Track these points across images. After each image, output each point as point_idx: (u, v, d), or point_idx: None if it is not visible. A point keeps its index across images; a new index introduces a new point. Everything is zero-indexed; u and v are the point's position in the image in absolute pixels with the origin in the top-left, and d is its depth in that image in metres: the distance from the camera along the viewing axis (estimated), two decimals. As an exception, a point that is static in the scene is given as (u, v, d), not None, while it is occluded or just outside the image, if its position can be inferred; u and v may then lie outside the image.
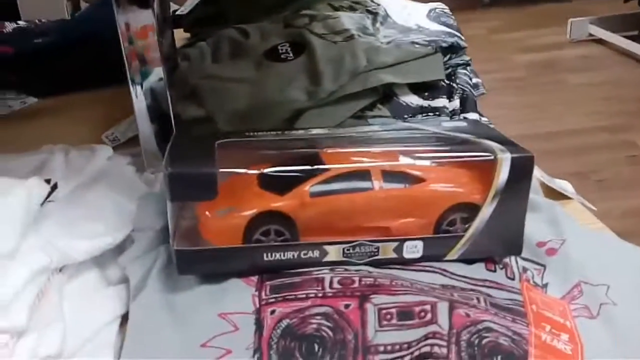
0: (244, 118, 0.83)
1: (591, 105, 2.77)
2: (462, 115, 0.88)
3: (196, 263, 0.58)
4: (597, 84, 2.98)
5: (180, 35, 1.24)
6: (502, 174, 0.60)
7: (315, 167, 0.59)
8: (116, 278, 0.63)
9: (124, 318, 0.58)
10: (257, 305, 0.56)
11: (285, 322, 0.54)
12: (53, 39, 1.26)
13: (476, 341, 0.52)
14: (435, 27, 0.96)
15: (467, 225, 0.61)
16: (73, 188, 0.68)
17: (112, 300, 0.59)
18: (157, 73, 0.80)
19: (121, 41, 0.76)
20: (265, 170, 0.58)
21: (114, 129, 0.99)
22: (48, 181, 0.64)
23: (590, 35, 3.45)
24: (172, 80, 0.95)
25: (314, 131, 0.69)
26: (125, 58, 0.78)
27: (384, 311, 0.54)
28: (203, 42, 1.05)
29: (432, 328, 0.52)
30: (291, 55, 0.91)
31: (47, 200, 0.63)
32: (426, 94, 0.87)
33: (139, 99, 0.81)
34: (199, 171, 0.57)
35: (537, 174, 0.80)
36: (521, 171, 0.60)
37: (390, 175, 0.60)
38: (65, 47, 1.21)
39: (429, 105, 0.86)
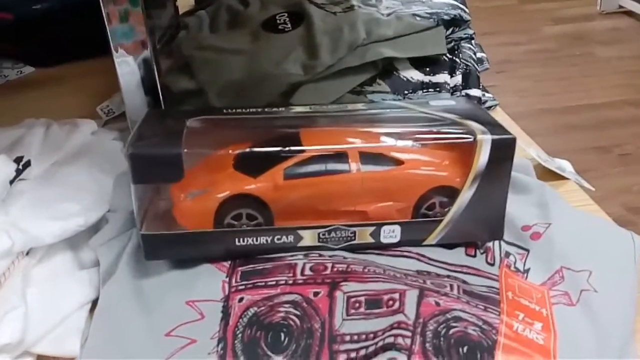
0: (237, 92, 0.81)
1: (619, 79, 2.76)
2: (464, 92, 0.86)
3: (164, 248, 0.57)
4: (625, 57, 2.96)
5: (187, 2, 1.22)
6: (482, 156, 0.58)
7: (289, 148, 0.57)
8: (90, 260, 0.62)
9: (96, 303, 0.58)
10: (226, 292, 0.55)
11: (252, 310, 0.53)
12: (52, 5, 1.22)
13: (443, 331, 0.51)
14: (439, -2, 0.93)
15: (446, 209, 0.60)
16: (49, 165, 0.67)
17: (83, 285, 0.58)
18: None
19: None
20: (237, 152, 0.57)
21: (109, 101, 0.97)
22: (20, 159, 0.63)
23: (620, 7, 3.42)
24: (171, 51, 0.94)
25: (297, 109, 0.67)
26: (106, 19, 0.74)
27: (352, 299, 0.53)
28: (203, 10, 1.03)
29: (398, 317, 0.51)
30: (289, 26, 0.89)
31: (19, 178, 0.62)
32: (427, 69, 0.84)
33: (125, 68, 0.78)
34: (162, 152, 0.55)
35: (534, 153, 0.79)
36: (502, 153, 0.58)
37: (367, 157, 0.59)
38: (65, 13, 1.19)
39: (430, 80, 0.84)
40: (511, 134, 0.59)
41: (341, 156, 0.58)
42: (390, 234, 0.60)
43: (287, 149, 0.57)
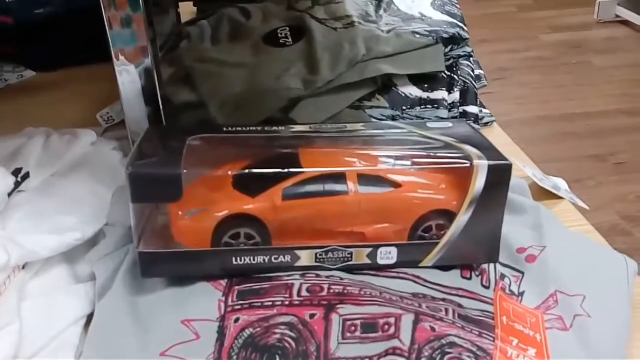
0: (237, 105, 0.81)
1: (614, 88, 2.77)
2: (461, 108, 0.87)
3: (160, 266, 0.57)
4: (621, 66, 2.97)
5: (190, 9, 1.22)
6: (479, 181, 0.58)
7: (287, 169, 0.57)
8: (86, 274, 0.62)
9: (91, 317, 0.58)
10: (222, 312, 0.55)
11: (248, 331, 0.53)
12: (55, 9, 1.22)
13: (438, 357, 0.51)
14: (439, 16, 0.94)
15: (442, 232, 0.60)
16: (48, 176, 0.67)
17: (78, 299, 0.58)
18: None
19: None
20: (235, 172, 0.57)
21: (109, 108, 0.97)
22: (19, 170, 0.63)
23: (617, 16, 3.44)
24: (172, 59, 0.93)
25: (296, 128, 0.67)
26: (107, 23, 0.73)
27: (348, 322, 0.53)
28: (205, 20, 1.03)
29: (393, 343, 0.52)
30: (290, 40, 0.90)
31: (17, 190, 0.62)
32: (425, 85, 0.85)
33: (125, 77, 0.78)
34: (162, 172, 0.55)
35: (529, 172, 0.79)
36: (498, 179, 0.59)
37: (366, 179, 0.59)
38: (67, 17, 1.19)
39: (428, 97, 0.85)
40: (507, 159, 0.59)
41: (339, 177, 0.58)
42: (387, 255, 0.60)
43: (285, 170, 0.57)
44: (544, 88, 2.80)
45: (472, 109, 0.88)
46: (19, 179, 0.63)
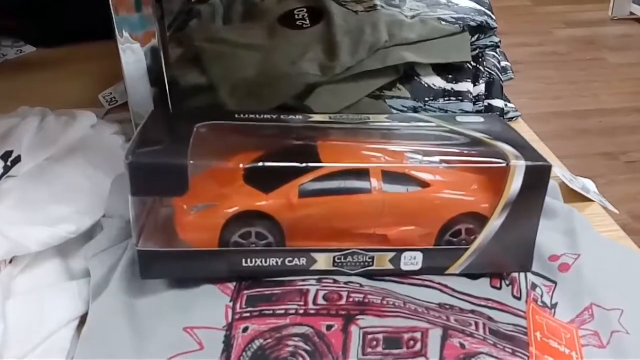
0: (249, 90, 0.77)
1: (627, 85, 2.75)
2: (486, 101, 0.83)
3: (162, 266, 0.52)
4: (634, 64, 2.95)
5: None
6: (515, 183, 0.53)
7: (306, 163, 0.52)
8: (81, 270, 0.57)
9: (84, 318, 0.53)
10: (229, 320, 0.50)
11: (257, 343, 0.48)
12: None
13: None
14: (465, 2, 0.89)
15: (472, 237, 0.55)
16: (42, 161, 0.62)
17: (71, 298, 0.53)
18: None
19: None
20: (247, 165, 0.52)
21: (113, 88, 0.93)
22: (9, 153, 0.58)
23: (632, 13, 3.41)
24: (181, 39, 0.89)
25: (314, 117, 0.62)
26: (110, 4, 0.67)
27: (369, 336, 0.48)
28: (218, -3, 0.99)
29: None
30: (307, 22, 0.85)
31: (7, 175, 0.56)
32: (450, 76, 0.81)
33: (130, 56, 0.73)
34: (165, 162, 0.50)
35: (558, 172, 0.75)
36: (536, 181, 0.54)
37: (391, 177, 0.54)
38: None
39: (452, 88, 0.80)
40: (546, 160, 0.54)
41: (362, 174, 0.53)
42: (411, 260, 0.55)
43: (303, 165, 0.52)
44: (557, 84, 2.77)
45: (497, 102, 0.83)
46: (8, 163, 0.58)
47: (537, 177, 0.54)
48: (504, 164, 0.54)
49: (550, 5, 3.65)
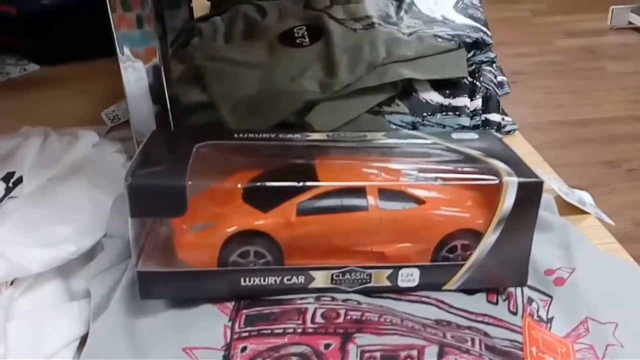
0: (250, 108, 0.77)
1: (627, 94, 2.77)
2: (483, 116, 0.83)
3: (161, 286, 0.53)
4: (634, 73, 2.97)
5: (204, 4, 1.17)
6: (508, 200, 0.54)
7: (303, 183, 0.53)
8: (82, 290, 0.57)
9: (85, 339, 0.53)
10: (228, 340, 0.50)
11: (256, 362, 0.49)
12: (62, 1, 1.17)
13: None
14: (461, 19, 0.90)
15: (468, 253, 0.56)
16: (44, 181, 0.62)
17: (72, 319, 0.54)
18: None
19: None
20: (245, 185, 0.52)
21: (116, 106, 0.93)
22: (11, 174, 0.58)
23: (630, 23, 3.43)
24: (183, 57, 0.89)
25: (313, 136, 0.63)
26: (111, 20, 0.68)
27: (367, 354, 0.49)
28: (219, 16, 0.99)
29: None
30: (307, 40, 0.86)
31: (9, 196, 0.57)
32: (447, 91, 0.81)
33: (131, 74, 0.73)
34: (164, 183, 0.51)
35: (555, 186, 0.75)
36: (528, 197, 0.55)
37: (387, 194, 0.54)
38: (74, 9, 1.14)
39: (450, 104, 0.81)
40: (538, 176, 0.55)
41: (359, 192, 0.54)
42: (409, 277, 0.56)
43: (300, 184, 0.52)
44: (558, 93, 2.79)
45: (494, 117, 0.84)
46: (10, 185, 0.59)
47: (530, 193, 0.55)
48: (497, 181, 0.54)
49: (550, 15, 3.67)
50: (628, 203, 2.04)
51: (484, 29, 0.87)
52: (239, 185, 0.53)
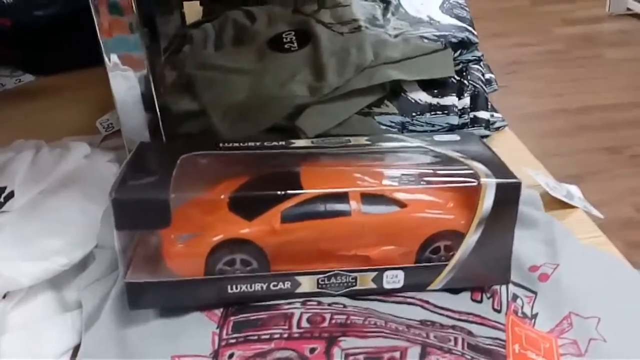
0: (241, 113, 0.78)
1: (627, 81, 2.77)
2: (472, 114, 0.84)
3: (150, 296, 0.54)
4: (633, 60, 2.97)
5: (196, 9, 1.18)
6: (487, 201, 0.55)
7: (285, 191, 0.54)
8: (75, 301, 0.58)
9: (77, 349, 0.54)
10: (216, 347, 0.51)
11: (243, 368, 0.50)
12: (55, 12, 1.16)
13: None
14: (447, 20, 0.90)
15: (451, 254, 0.57)
16: (35, 195, 0.63)
17: (64, 331, 0.55)
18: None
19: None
20: (230, 194, 0.54)
21: (110, 114, 0.93)
22: (3, 190, 0.60)
23: (629, 9, 3.43)
24: (174, 64, 0.89)
25: (297, 143, 0.64)
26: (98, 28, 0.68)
27: (351, 357, 0.50)
28: (209, 23, 1.00)
29: None
30: (295, 45, 0.87)
31: (0, 211, 0.58)
32: (435, 91, 0.82)
33: (120, 82, 0.72)
34: (147, 197, 0.52)
35: (541, 181, 0.76)
36: (507, 198, 0.56)
37: (369, 199, 0.55)
38: (68, 20, 1.13)
39: (438, 103, 0.81)
40: (516, 177, 0.56)
41: (342, 197, 0.55)
42: (394, 279, 0.57)
43: (283, 192, 0.54)
44: (558, 82, 2.79)
45: (483, 114, 0.84)
46: (1, 200, 0.60)
47: (508, 193, 0.56)
48: (475, 183, 0.55)
49: (548, 4, 3.66)
50: (630, 188, 2.05)
51: (470, 28, 0.88)
52: (222, 197, 0.54)
